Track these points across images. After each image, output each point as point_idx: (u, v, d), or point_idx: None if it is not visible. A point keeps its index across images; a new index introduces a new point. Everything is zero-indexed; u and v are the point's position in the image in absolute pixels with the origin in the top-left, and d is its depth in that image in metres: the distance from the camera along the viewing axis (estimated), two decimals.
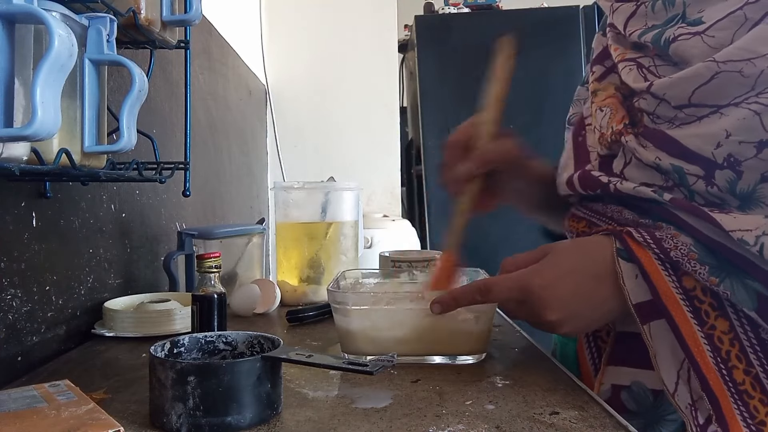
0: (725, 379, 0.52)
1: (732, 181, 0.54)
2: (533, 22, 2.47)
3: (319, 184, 1.15)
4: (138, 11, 0.70)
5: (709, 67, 0.54)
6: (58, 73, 0.46)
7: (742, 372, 0.52)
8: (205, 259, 0.75)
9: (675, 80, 0.56)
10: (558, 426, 0.51)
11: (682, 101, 0.57)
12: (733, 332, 0.53)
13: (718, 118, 0.54)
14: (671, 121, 0.58)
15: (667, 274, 0.55)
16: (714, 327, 0.53)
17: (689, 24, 0.58)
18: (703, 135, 0.55)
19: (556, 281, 0.60)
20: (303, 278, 1.10)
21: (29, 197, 0.74)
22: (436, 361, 0.70)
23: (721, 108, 0.54)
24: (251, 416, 0.51)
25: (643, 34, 0.62)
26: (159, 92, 1.15)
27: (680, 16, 0.59)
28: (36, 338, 0.75)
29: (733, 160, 0.53)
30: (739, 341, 0.53)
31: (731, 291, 0.52)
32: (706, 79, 0.54)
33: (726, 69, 0.53)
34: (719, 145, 0.54)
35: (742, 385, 0.52)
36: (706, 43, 0.55)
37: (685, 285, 0.55)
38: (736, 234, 0.51)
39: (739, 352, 0.53)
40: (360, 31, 2.50)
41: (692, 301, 0.54)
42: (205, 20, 1.53)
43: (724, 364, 0.53)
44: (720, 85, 0.53)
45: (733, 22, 0.54)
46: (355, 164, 2.42)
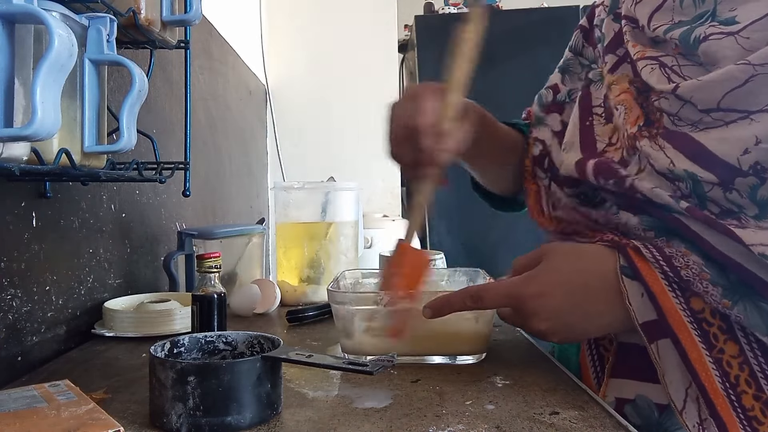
0: (734, 405, 0.51)
1: (754, 187, 0.51)
2: (533, 22, 2.47)
3: (319, 184, 1.15)
4: (138, 11, 0.70)
5: (743, 70, 0.51)
6: (58, 73, 0.46)
7: (751, 397, 0.51)
8: (205, 259, 0.74)
9: (705, 83, 0.54)
10: (558, 426, 0.51)
11: (710, 105, 0.54)
12: (742, 356, 0.51)
13: (747, 123, 0.51)
14: (695, 125, 0.55)
15: (675, 296, 0.53)
16: (723, 351, 0.52)
17: (721, 23, 0.55)
18: (731, 140, 0.52)
19: (548, 291, 0.59)
20: (303, 278, 1.10)
21: (29, 197, 0.74)
22: (436, 361, 0.70)
23: (752, 114, 0.51)
24: (251, 416, 0.51)
25: (669, 30, 0.59)
26: (159, 92, 1.15)
27: (710, 14, 0.56)
28: (36, 338, 0.75)
29: (759, 167, 0.51)
30: (749, 366, 0.51)
31: (744, 315, 0.50)
32: (740, 83, 0.51)
33: (762, 72, 0.50)
34: (747, 152, 0.51)
35: (752, 410, 0.50)
36: (740, 45, 0.52)
37: (693, 307, 0.53)
38: (758, 248, 0.49)
39: (748, 377, 0.51)
40: (360, 31, 2.50)
41: (700, 323, 0.52)
42: (205, 20, 1.53)
43: (733, 389, 0.51)
44: (754, 89, 0.51)
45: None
46: (355, 164, 2.42)
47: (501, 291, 0.62)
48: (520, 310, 0.60)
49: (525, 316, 0.60)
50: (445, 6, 2.66)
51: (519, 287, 0.60)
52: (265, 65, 2.36)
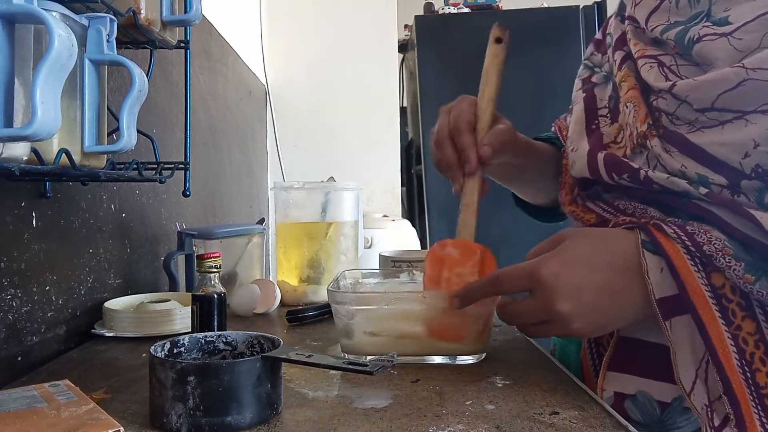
0: (748, 382, 0.51)
1: (760, 191, 0.52)
2: (533, 22, 2.47)
3: (319, 184, 1.15)
4: (138, 11, 0.70)
5: (737, 73, 0.52)
6: (58, 73, 0.46)
7: (765, 375, 0.51)
8: (205, 259, 0.75)
9: (700, 83, 0.54)
10: (558, 426, 0.51)
11: (705, 105, 0.55)
12: (759, 334, 0.51)
13: (743, 125, 0.52)
14: (692, 124, 0.56)
15: (696, 270, 0.53)
16: (740, 327, 0.52)
17: (715, 23, 0.55)
18: (730, 144, 0.53)
19: (567, 268, 0.56)
20: (303, 278, 1.10)
21: (29, 197, 0.74)
22: (436, 361, 0.70)
23: (746, 114, 0.52)
24: (251, 416, 0.51)
25: (665, 30, 0.59)
26: (159, 92, 1.15)
27: (705, 14, 0.57)
28: (36, 338, 0.75)
29: (761, 170, 0.51)
30: (764, 343, 0.51)
31: (767, 290, 0.50)
32: (733, 85, 0.52)
33: (755, 77, 0.51)
34: (747, 155, 0.52)
35: (765, 389, 0.51)
36: (733, 46, 0.53)
37: (713, 282, 0.52)
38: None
39: (763, 355, 0.51)
40: (360, 31, 2.50)
41: (720, 299, 0.52)
42: (205, 20, 1.53)
43: (748, 366, 0.51)
44: (747, 92, 0.51)
45: (762, 25, 0.52)
46: (355, 164, 2.42)
47: (519, 272, 0.59)
48: (539, 291, 0.57)
49: (544, 298, 0.56)
50: (445, 6, 2.66)
51: (537, 266, 0.57)
52: (265, 65, 2.36)
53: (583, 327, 0.57)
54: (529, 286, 0.58)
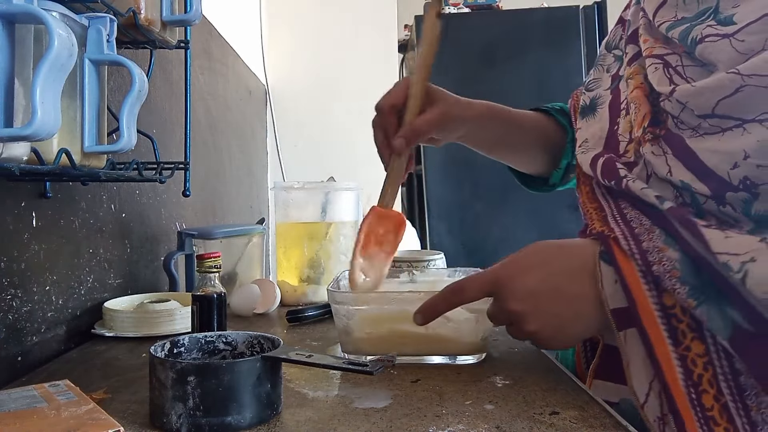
0: (693, 403, 0.50)
1: (747, 202, 0.50)
2: (533, 22, 2.47)
3: (319, 184, 1.15)
4: (138, 11, 0.70)
5: (732, 80, 0.50)
6: (58, 73, 0.46)
7: (711, 398, 0.50)
8: (205, 259, 0.74)
9: (698, 89, 0.53)
10: (558, 426, 0.51)
11: (705, 111, 0.53)
12: (707, 356, 0.51)
13: (740, 133, 0.50)
14: (695, 129, 0.55)
15: (648, 288, 0.53)
16: (689, 348, 0.51)
17: (720, 23, 0.53)
18: (722, 152, 0.51)
19: (524, 271, 0.58)
20: (303, 278, 1.10)
21: (29, 197, 0.74)
22: (436, 361, 0.70)
23: (745, 123, 0.50)
24: (251, 416, 0.51)
25: (671, 27, 0.58)
26: (159, 92, 1.15)
27: (713, 11, 0.55)
28: (36, 338, 0.75)
29: (749, 183, 0.50)
30: (713, 366, 0.51)
31: (707, 317, 0.50)
32: (730, 92, 0.50)
33: (751, 83, 0.49)
34: (736, 166, 0.50)
35: (710, 411, 0.50)
36: (735, 48, 0.51)
37: (664, 302, 0.52)
38: (722, 257, 0.49)
39: (711, 378, 0.51)
40: (360, 31, 2.50)
41: (670, 319, 0.52)
42: (205, 20, 1.53)
43: (695, 387, 0.51)
44: (744, 99, 0.50)
45: (765, 26, 0.50)
46: (355, 164, 2.41)
47: (480, 278, 0.61)
48: (498, 293, 0.59)
49: (501, 300, 0.59)
50: (445, 6, 2.66)
51: (496, 271, 0.59)
52: (265, 65, 2.36)
53: (540, 329, 0.58)
54: (490, 290, 0.60)
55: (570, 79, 2.39)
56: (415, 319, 0.65)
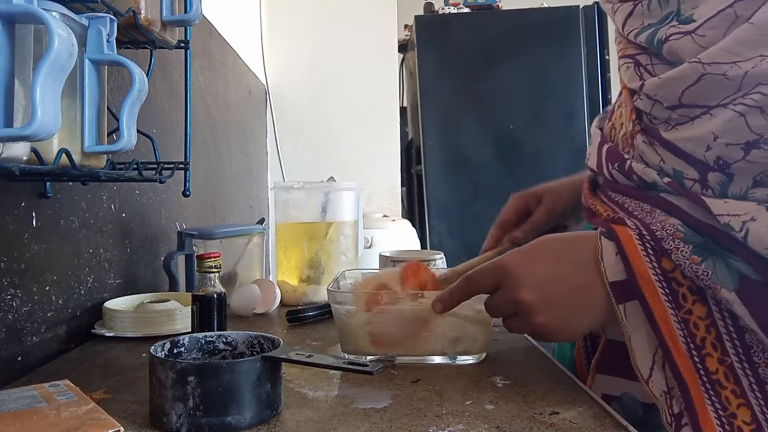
0: (697, 367, 0.50)
1: (723, 184, 0.53)
2: (533, 22, 2.47)
3: (319, 184, 1.15)
4: (138, 11, 0.70)
5: (695, 69, 0.53)
6: (58, 73, 0.46)
7: (716, 361, 0.50)
8: (205, 259, 0.74)
9: (664, 81, 0.56)
10: (558, 426, 0.51)
11: (673, 101, 0.56)
12: (710, 318, 0.51)
13: (708, 119, 0.53)
14: (666, 122, 0.58)
15: (645, 254, 0.53)
16: (690, 312, 0.51)
17: (681, 22, 0.56)
18: (694, 138, 0.54)
19: (532, 261, 0.58)
20: (303, 278, 1.10)
21: (29, 197, 0.74)
22: (436, 361, 0.70)
23: (711, 109, 0.53)
24: (251, 416, 0.51)
25: (639, 33, 0.61)
26: (159, 92, 1.15)
27: (674, 14, 0.58)
28: (36, 338, 0.75)
29: (722, 162, 0.52)
30: (716, 328, 0.51)
31: (712, 270, 0.50)
32: (693, 81, 0.53)
33: (711, 71, 0.52)
34: (709, 148, 0.53)
35: (715, 374, 0.50)
36: (697, 43, 0.54)
37: (663, 266, 0.53)
38: (723, 218, 0.51)
39: (714, 340, 0.51)
40: (360, 31, 2.49)
41: (670, 283, 0.52)
42: (205, 20, 1.52)
43: (698, 351, 0.51)
44: (706, 87, 0.52)
45: (723, 21, 0.53)
46: (355, 164, 2.42)
47: (487, 268, 0.61)
48: (505, 282, 0.58)
49: (509, 290, 0.58)
50: (445, 6, 2.66)
51: (503, 260, 0.59)
52: (265, 65, 2.36)
53: (547, 321, 0.57)
54: (498, 280, 0.59)
55: (570, 79, 2.39)
56: (434, 306, 0.65)
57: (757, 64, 0.49)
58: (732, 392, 0.50)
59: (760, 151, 0.50)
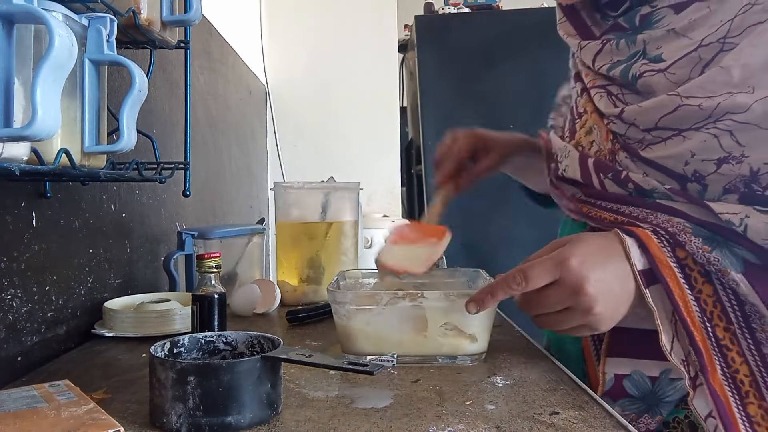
0: (709, 335, 0.60)
1: (699, 192, 0.63)
2: (533, 22, 2.46)
3: (319, 184, 1.15)
4: (138, 11, 0.70)
5: (673, 100, 0.63)
6: (58, 73, 0.46)
7: (722, 329, 0.61)
8: (205, 259, 0.75)
9: (644, 109, 0.65)
10: (558, 426, 0.51)
11: (649, 125, 0.65)
12: (716, 296, 0.61)
13: (681, 140, 0.63)
14: (640, 142, 0.67)
15: (662, 245, 0.62)
16: (701, 291, 0.61)
17: (651, 60, 0.66)
18: (673, 156, 0.64)
19: (590, 256, 0.62)
20: (303, 278, 1.10)
21: (29, 197, 0.74)
22: (436, 361, 0.70)
23: (683, 131, 0.63)
24: (251, 416, 0.51)
25: (611, 68, 0.70)
26: (159, 92, 1.15)
27: (641, 53, 0.68)
28: (36, 338, 0.75)
29: (698, 175, 0.62)
30: (721, 303, 0.61)
31: (722, 257, 0.60)
32: (671, 110, 0.63)
33: (688, 103, 0.62)
34: (687, 163, 0.63)
35: (723, 340, 0.60)
36: (669, 79, 0.64)
37: (678, 255, 0.62)
38: (724, 216, 0.60)
39: (720, 313, 0.61)
40: (360, 31, 2.50)
41: (684, 268, 0.61)
42: (205, 20, 1.53)
43: (709, 322, 0.61)
44: (683, 115, 0.62)
45: (690, 62, 0.63)
46: (355, 164, 2.42)
47: (546, 264, 0.61)
48: (569, 276, 0.60)
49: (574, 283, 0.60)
50: (445, 6, 2.66)
51: (564, 255, 0.61)
52: (265, 65, 2.36)
53: (603, 311, 0.61)
54: (557, 274, 0.61)
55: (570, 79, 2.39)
56: (468, 307, 0.65)
57: (727, 98, 0.60)
58: (737, 353, 0.60)
59: (729, 165, 0.61)
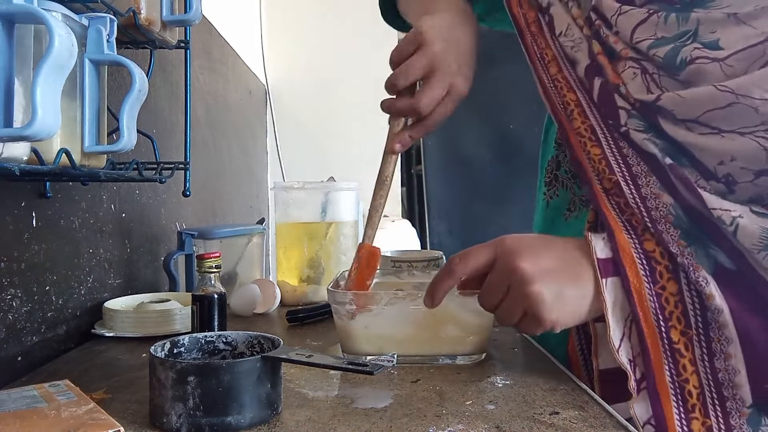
0: (662, 336, 0.57)
1: (723, 193, 0.58)
2: None
3: (319, 184, 1.15)
4: (138, 11, 0.70)
5: (724, 95, 0.56)
6: (58, 73, 0.46)
7: (679, 333, 0.57)
8: (205, 259, 0.75)
9: (687, 99, 0.58)
10: (558, 426, 0.51)
11: (689, 117, 0.58)
12: (679, 295, 0.57)
13: (719, 138, 0.57)
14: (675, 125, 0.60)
15: (629, 236, 0.59)
16: (664, 288, 0.58)
17: (706, 46, 0.58)
18: (706, 150, 0.58)
19: (527, 237, 0.63)
20: (303, 278, 1.10)
21: (29, 197, 0.74)
22: (436, 361, 0.70)
23: (723, 132, 0.57)
24: (251, 416, 0.51)
25: (653, 46, 0.61)
26: (159, 92, 1.15)
27: (692, 34, 0.60)
28: (36, 338, 0.75)
29: (731, 179, 0.57)
30: (683, 304, 0.57)
31: (695, 254, 0.57)
32: (721, 105, 0.56)
33: (743, 102, 0.55)
34: (722, 163, 0.57)
35: (677, 344, 0.57)
36: (724, 72, 0.57)
37: (645, 247, 0.59)
38: (716, 212, 0.56)
39: (680, 314, 0.57)
40: (360, 31, 2.49)
41: (650, 261, 0.58)
42: (205, 20, 1.53)
43: (665, 322, 0.57)
44: (734, 114, 0.56)
45: (752, 55, 0.56)
46: (355, 164, 2.41)
47: (481, 246, 0.62)
48: (502, 255, 0.60)
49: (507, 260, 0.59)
50: None
51: (500, 237, 0.62)
52: (265, 65, 2.36)
53: (541, 290, 0.58)
54: (492, 255, 0.61)
55: None
56: (425, 302, 0.65)
57: None
58: (689, 360, 0.57)
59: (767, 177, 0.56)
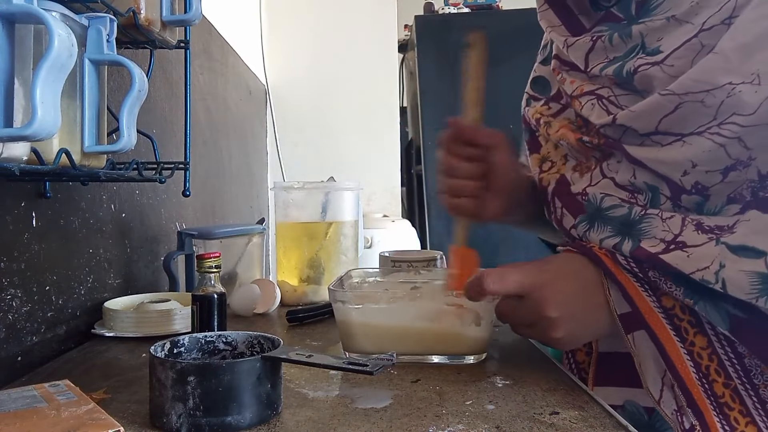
0: (707, 393, 0.54)
1: (699, 204, 0.56)
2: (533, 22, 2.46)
3: (319, 184, 1.15)
4: (138, 11, 0.70)
5: (669, 99, 0.55)
6: (58, 73, 0.46)
7: (721, 385, 0.54)
8: (205, 259, 0.74)
9: (638, 113, 0.58)
10: (558, 426, 0.51)
11: (649, 129, 0.58)
12: (711, 347, 0.55)
13: (680, 145, 0.56)
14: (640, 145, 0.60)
15: (647, 294, 0.57)
16: (693, 344, 0.55)
17: (648, 54, 0.59)
18: (669, 162, 0.57)
19: (558, 280, 0.60)
20: (303, 278, 1.10)
21: (29, 197, 0.74)
22: (436, 361, 0.70)
23: (684, 136, 0.56)
24: (251, 416, 0.51)
25: (605, 67, 0.62)
26: (159, 92, 1.15)
27: (640, 47, 0.60)
28: (36, 338, 0.75)
29: (701, 186, 0.56)
30: (717, 356, 0.55)
31: (706, 312, 0.54)
32: (670, 110, 0.55)
33: (688, 100, 0.54)
34: (686, 173, 0.56)
35: (722, 397, 0.54)
36: (666, 72, 0.56)
37: (664, 304, 0.57)
38: (696, 275, 0.53)
39: (717, 367, 0.55)
40: (360, 31, 2.50)
41: (672, 319, 0.56)
42: (205, 20, 1.52)
43: (705, 378, 0.55)
44: (684, 115, 0.55)
45: (689, 50, 0.55)
46: (355, 164, 2.42)
47: (516, 276, 0.61)
48: (533, 296, 0.60)
49: (537, 305, 0.59)
50: (445, 6, 2.66)
51: (533, 273, 0.61)
52: (265, 65, 2.36)
53: (564, 337, 0.60)
54: (524, 291, 0.61)
55: None
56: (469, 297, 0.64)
57: (730, 92, 0.51)
58: (739, 412, 0.54)
59: (736, 172, 0.54)
